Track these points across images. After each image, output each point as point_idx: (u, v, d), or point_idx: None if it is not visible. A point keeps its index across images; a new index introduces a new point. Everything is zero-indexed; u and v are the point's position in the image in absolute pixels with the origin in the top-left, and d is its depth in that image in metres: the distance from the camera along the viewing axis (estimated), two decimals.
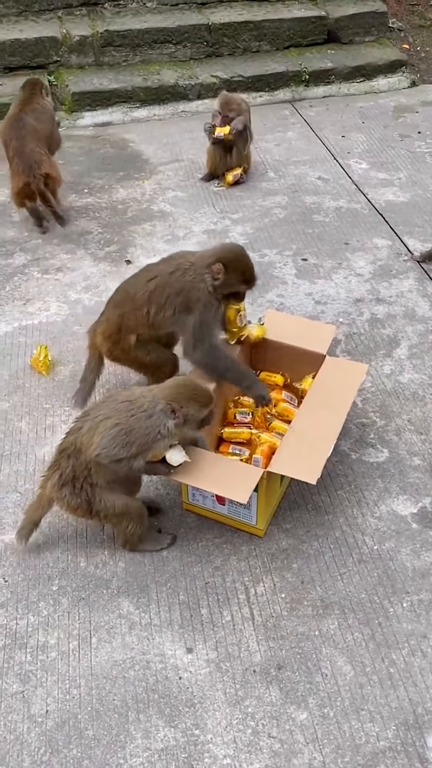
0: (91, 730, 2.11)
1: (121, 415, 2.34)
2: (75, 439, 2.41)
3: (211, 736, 2.09)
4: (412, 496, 2.79)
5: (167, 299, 2.75)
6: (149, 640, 2.32)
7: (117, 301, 2.92)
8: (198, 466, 2.44)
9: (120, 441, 2.31)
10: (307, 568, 2.54)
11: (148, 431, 2.32)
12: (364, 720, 2.13)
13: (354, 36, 6.58)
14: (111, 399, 2.46)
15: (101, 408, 2.43)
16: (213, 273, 2.72)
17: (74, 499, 2.42)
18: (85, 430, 2.38)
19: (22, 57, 5.85)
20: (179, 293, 2.73)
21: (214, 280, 2.72)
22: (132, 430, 2.32)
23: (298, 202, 4.71)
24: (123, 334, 2.87)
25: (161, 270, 2.81)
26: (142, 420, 2.32)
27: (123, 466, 2.37)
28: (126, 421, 2.33)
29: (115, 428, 2.32)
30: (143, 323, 2.81)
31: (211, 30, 6.18)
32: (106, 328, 2.92)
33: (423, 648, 2.30)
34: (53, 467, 2.47)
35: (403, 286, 3.93)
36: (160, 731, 2.10)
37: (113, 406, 2.39)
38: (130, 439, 2.32)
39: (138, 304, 2.80)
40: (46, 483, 2.48)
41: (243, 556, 2.58)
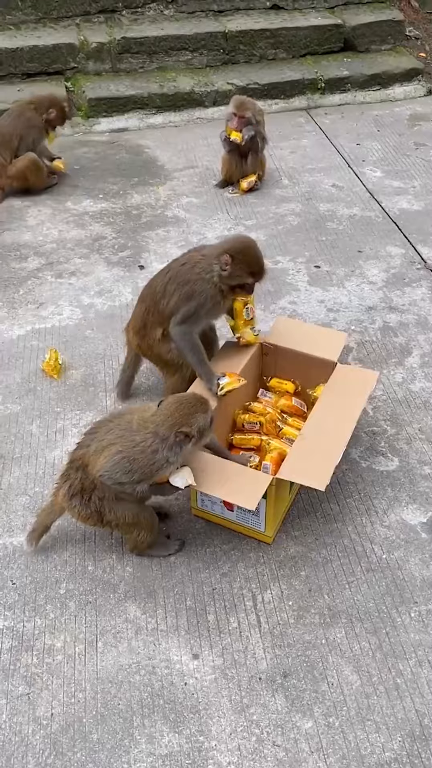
0: (96, 733, 2.11)
1: (126, 444, 2.34)
2: (83, 455, 2.41)
3: (216, 742, 2.09)
4: (422, 506, 2.78)
5: (175, 289, 2.83)
6: (155, 645, 2.32)
7: (142, 296, 3.02)
8: (207, 472, 2.44)
9: (123, 468, 2.32)
10: (315, 576, 2.53)
11: (152, 463, 2.32)
12: (369, 730, 2.12)
13: (370, 44, 6.58)
14: (116, 423, 2.42)
15: (108, 432, 2.40)
16: (221, 263, 2.77)
17: (84, 509, 2.44)
18: (92, 450, 2.39)
19: (40, 63, 5.90)
20: (186, 283, 2.81)
21: (222, 270, 2.77)
22: (135, 459, 2.32)
23: (312, 210, 4.72)
24: (149, 328, 2.96)
25: (175, 264, 2.93)
26: (147, 454, 2.32)
27: (126, 489, 2.38)
28: (130, 451, 2.32)
29: (118, 455, 2.32)
30: (163, 316, 2.89)
31: (227, 38, 6.21)
32: (135, 324, 3.04)
33: (430, 659, 2.29)
34: (64, 477, 2.47)
35: (416, 295, 3.92)
36: (164, 737, 2.10)
37: (118, 433, 2.37)
38: (134, 467, 2.32)
39: (157, 297, 2.89)
40: (58, 491, 2.49)
41: (251, 563, 2.57)
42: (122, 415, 2.46)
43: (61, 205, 4.77)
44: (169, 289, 2.84)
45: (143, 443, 2.32)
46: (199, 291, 2.79)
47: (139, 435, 2.34)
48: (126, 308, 3.83)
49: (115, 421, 2.43)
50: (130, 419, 2.40)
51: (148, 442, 2.32)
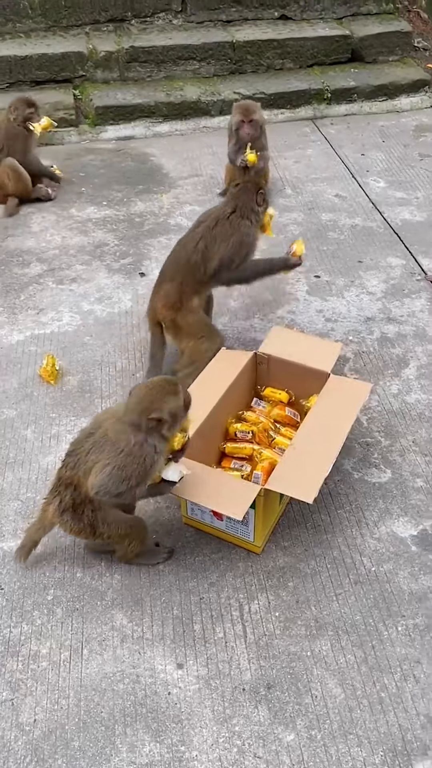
0: (78, 741, 2.11)
1: (110, 455, 2.31)
2: (72, 476, 2.37)
3: (197, 753, 2.09)
4: (413, 518, 2.77)
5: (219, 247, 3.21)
6: (140, 653, 2.33)
7: (171, 275, 3.28)
8: (196, 481, 2.45)
9: (116, 478, 2.30)
10: (303, 587, 2.53)
11: (143, 459, 2.30)
12: (351, 744, 2.11)
13: (378, 55, 6.60)
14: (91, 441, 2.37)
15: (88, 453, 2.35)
16: (258, 202, 3.32)
17: (77, 523, 2.41)
18: (81, 472, 2.35)
19: (49, 71, 5.96)
20: (231, 235, 3.23)
21: (259, 206, 3.33)
22: (125, 466, 2.29)
23: (314, 219, 4.73)
24: (185, 300, 3.24)
25: (202, 231, 3.26)
26: (135, 454, 2.29)
27: (125, 497, 2.37)
28: (116, 459, 2.30)
29: (108, 467, 2.30)
30: (202, 282, 3.25)
31: (235, 47, 6.24)
32: (167, 300, 3.26)
33: (416, 673, 2.28)
34: (53, 493, 2.45)
35: (415, 306, 3.92)
36: (145, 746, 2.10)
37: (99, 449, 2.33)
38: (126, 473, 2.30)
39: (194, 267, 3.21)
40: (47, 507, 2.46)
41: (239, 573, 2.57)
42: (93, 433, 2.40)
43: (65, 212, 4.80)
44: (211, 250, 3.20)
45: (126, 445, 2.29)
46: (246, 234, 3.26)
47: (120, 439, 2.31)
48: (125, 315, 3.86)
49: (90, 440, 2.38)
50: (105, 431, 2.36)
51: (130, 441, 2.29)
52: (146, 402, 2.32)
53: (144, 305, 3.91)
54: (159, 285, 3.34)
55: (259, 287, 4.04)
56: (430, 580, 2.54)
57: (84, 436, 2.43)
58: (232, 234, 3.23)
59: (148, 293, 4.00)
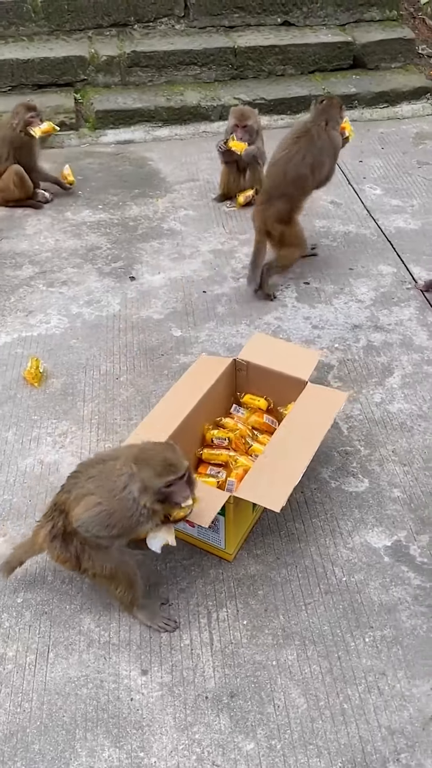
0: (38, 744, 2.12)
1: (103, 492, 2.20)
2: (66, 500, 2.29)
3: (155, 759, 2.09)
4: (388, 529, 2.76)
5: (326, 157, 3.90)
6: (106, 659, 2.33)
7: (280, 192, 3.82)
8: None
9: (101, 521, 2.20)
10: (273, 595, 2.53)
11: (131, 514, 2.19)
12: (311, 755, 2.10)
13: (380, 62, 6.59)
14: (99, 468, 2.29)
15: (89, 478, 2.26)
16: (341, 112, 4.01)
17: (64, 552, 2.33)
18: (72, 497, 2.25)
19: (51, 75, 6.00)
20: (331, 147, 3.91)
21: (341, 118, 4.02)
22: (114, 512, 2.19)
23: (307, 226, 4.70)
24: (293, 214, 3.91)
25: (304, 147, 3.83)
26: (124, 501, 2.18)
27: (104, 542, 2.28)
28: (108, 503, 2.19)
29: (97, 507, 2.20)
30: (307, 192, 3.95)
31: (236, 53, 6.26)
32: (280, 216, 3.85)
33: (380, 685, 2.27)
34: (47, 517, 2.37)
35: (404, 315, 3.91)
36: (105, 751, 2.11)
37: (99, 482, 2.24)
38: (112, 521, 2.20)
39: (303, 180, 3.84)
40: (39, 530, 2.39)
41: (209, 580, 2.57)
42: (105, 462, 2.29)
43: (60, 215, 4.83)
44: (318, 161, 3.86)
45: (119, 488, 2.18)
46: (338, 142, 3.98)
47: (120, 483, 2.19)
48: (113, 319, 3.87)
49: (98, 467, 2.29)
50: (113, 465, 2.24)
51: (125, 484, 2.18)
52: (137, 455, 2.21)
53: (133, 309, 3.95)
54: (269, 203, 3.86)
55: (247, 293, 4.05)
56: (401, 591, 2.53)
57: (94, 461, 2.35)
58: (330, 144, 3.89)
59: (137, 297, 4.04)
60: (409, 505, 2.85)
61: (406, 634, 2.40)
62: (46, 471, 2.97)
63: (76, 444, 3.10)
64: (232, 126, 4.68)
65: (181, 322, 3.83)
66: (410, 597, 2.51)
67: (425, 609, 2.47)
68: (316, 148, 3.85)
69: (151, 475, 2.17)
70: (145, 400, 3.31)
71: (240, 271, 4.25)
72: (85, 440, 3.12)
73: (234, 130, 4.67)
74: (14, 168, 4.70)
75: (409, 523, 2.77)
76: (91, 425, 3.19)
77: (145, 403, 3.29)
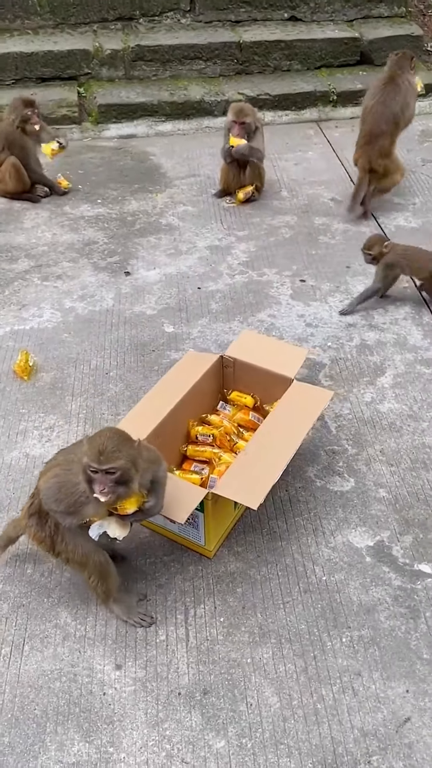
0: (8, 737, 2.12)
1: (63, 468, 2.20)
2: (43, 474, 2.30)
3: (125, 755, 2.08)
4: (371, 529, 2.74)
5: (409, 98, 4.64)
6: (80, 652, 2.33)
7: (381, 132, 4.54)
8: None
9: (53, 494, 2.20)
10: (251, 593, 2.51)
11: (74, 490, 2.15)
12: (281, 754, 2.09)
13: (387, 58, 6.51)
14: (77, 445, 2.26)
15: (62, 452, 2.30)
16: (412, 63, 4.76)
17: (39, 531, 2.32)
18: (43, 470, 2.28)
19: (55, 68, 5.99)
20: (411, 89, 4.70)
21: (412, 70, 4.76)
22: (64, 485, 2.17)
23: (307, 223, 4.69)
24: (392, 149, 4.60)
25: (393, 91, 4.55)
26: (72, 475, 2.16)
27: (57, 518, 2.25)
28: (63, 475, 2.19)
29: (53, 479, 2.20)
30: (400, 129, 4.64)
31: (242, 48, 6.23)
32: (382, 151, 4.55)
33: (355, 686, 2.25)
34: (32, 495, 2.36)
35: (399, 314, 3.87)
36: (75, 745, 2.11)
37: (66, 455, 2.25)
38: (60, 495, 2.18)
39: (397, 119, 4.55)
40: (25, 507, 2.39)
41: (189, 576, 2.56)
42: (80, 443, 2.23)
43: (59, 209, 4.83)
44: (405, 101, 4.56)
45: (75, 460, 2.17)
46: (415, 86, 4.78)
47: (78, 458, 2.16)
48: (106, 313, 3.87)
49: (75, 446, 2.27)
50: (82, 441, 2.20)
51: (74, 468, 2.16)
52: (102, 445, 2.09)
53: (126, 304, 3.94)
54: (372, 143, 4.54)
55: (242, 290, 4.03)
56: (380, 592, 2.51)
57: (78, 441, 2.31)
58: (411, 87, 4.60)
59: (131, 292, 4.04)
60: (394, 506, 2.82)
61: (384, 635, 2.38)
62: (32, 464, 2.97)
63: (63, 438, 3.09)
64: (230, 122, 4.66)
65: (174, 318, 3.82)
66: (390, 598, 2.49)
67: (404, 610, 2.45)
68: (402, 91, 4.55)
69: (84, 453, 2.09)
70: (133, 396, 3.31)
71: (236, 268, 4.23)
72: (71, 434, 3.11)
73: (231, 127, 4.65)
74: (11, 160, 4.71)
75: (393, 524, 2.75)
76: (79, 419, 3.19)
77: (133, 399, 3.28)
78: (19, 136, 4.70)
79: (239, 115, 4.61)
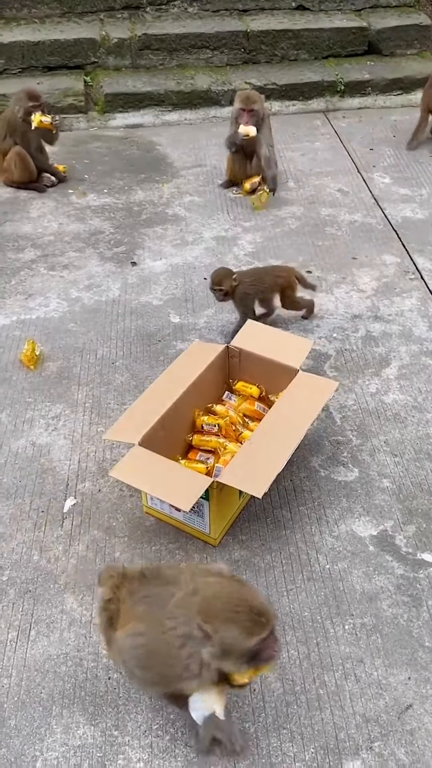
0: (14, 720, 2.16)
1: (153, 622, 1.77)
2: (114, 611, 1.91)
3: (129, 738, 2.12)
4: (375, 518, 2.75)
5: None
6: (86, 638, 2.36)
7: None
8: (150, 471, 2.47)
9: (138, 658, 1.81)
10: (255, 581, 2.53)
11: (173, 663, 1.74)
12: (284, 739, 2.12)
13: (395, 48, 6.50)
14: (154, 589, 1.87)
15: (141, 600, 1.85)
16: None
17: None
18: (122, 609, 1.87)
19: (61, 57, 5.98)
20: None
21: None
22: (155, 653, 1.77)
23: (313, 214, 4.69)
24: None
25: None
26: (171, 645, 1.73)
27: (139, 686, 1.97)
28: (153, 639, 1.77)
29: (139, 638, 1.79)
30: None
31: (249, 37, 6.20)
32: None
33: (357, 672, 2.27)
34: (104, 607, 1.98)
35: (405, 305, 3.87)
36: (80, 728, 2.14)
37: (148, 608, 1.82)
38: (149, 663, 1.79)
39: None
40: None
41: None
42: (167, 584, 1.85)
43: (65, 199, 4.84)
44: None
45: (171, 623, 1.74)
46: None
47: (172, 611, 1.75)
48: (112, 304, 3.88)
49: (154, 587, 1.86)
50: (173, 593, 1.80)
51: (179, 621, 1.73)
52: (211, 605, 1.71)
53: (132, 295, 3.95)
54: None
55: None
56: (383, 580, 2.53)
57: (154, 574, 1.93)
58: None
59: (137, 282, 4.05)
60: (397, 496, 2.84)
61: (387, 622, 2.40)
62: (38, 453, 3.00)
63: (69, 427, 3.12)
64: (238, 110, 4.64)
65: (180, 309, 3.83)
66: (393, 586, 2.51)
67: (407, 599, 2.47)
68: None
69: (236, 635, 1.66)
70: (139, 386, 3.32)
71: (242, 259, 4.23)
72: (78, 423, 3.14)
73: (239, 114, 4.63)
74: (16, 149, 4.72)
75: (397, 514, 2.77)
76: (85, 409, 3.21)
77: (139, 389, 3.29)
78: (22, 125, 4.69)
79: (247, 102, 4.59)
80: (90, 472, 2.92)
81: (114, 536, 2.67)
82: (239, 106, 4.63)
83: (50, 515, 2.74)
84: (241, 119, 4.62)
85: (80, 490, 2.84)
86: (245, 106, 4.60)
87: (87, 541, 2.65)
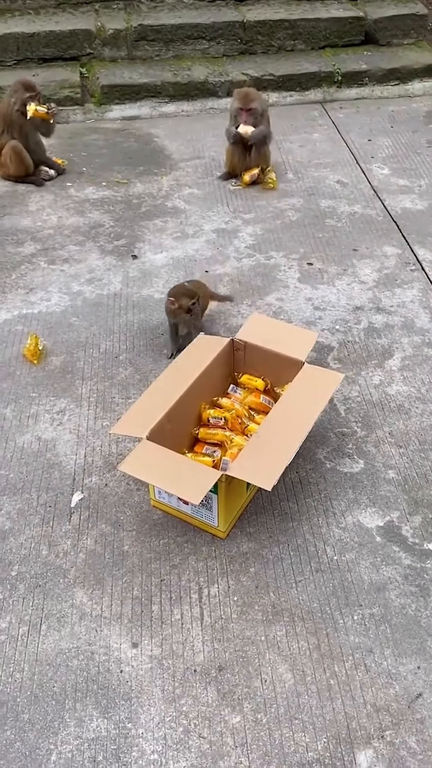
0: (28, 714, 2.17)
1: None
2: None
3: (143, 730, 2.13)
4: (381, 509, 2.77)
5: None
6: (97, 631, 2.37)
7: None
8: (159, 465, 2.47)
9: None
10: (264, 573, 2.55)
11: None
12: (296, 729, 2.14)
13: (392, 38, 6.48)
14: None
15: None
16: None
17: None
18: None
19: (56, 48, 5.94)
20: None
21: None
22: None
23: (313, 206, 4.69)
24: None
25: None
26: None
27: None
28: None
29: None
30: None
31: (245, 27, 6.17)
32: None
33: (367, 662, 2.29)
34: None
35: (406, 297, 3.88)
36: (93, 721, 2.15)
37: None
38: None
39: None
40: None
41: (202, 557, 2.60)
42: None
43: (64, 192, 4.82)
44: None
45: None
46: None
47: None
48: (114, 297, 3.87)
49: None
50: None
51: None
52: None
53: (134, 288, 3.94)
54: None
55: (249, 273, 4.04)
56: (391, 570, 2.55)
57: None
58: None
59: (138, 276, 4.04)
60: (403, 486, 2.85)
61: (395, 612, 2.42)
62: (44, 448, 3.00)
63: (74, 421, 3.12)
64: (237, 109, 4.63)
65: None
66: (400, 576, 2.53)
67: (415, 588, 2.49)
68: None
69: None
70: (143, 379, 3.32)
71: (243, 251, 4.23)
72: (83, 418, 3.14)
73: (238, 113, 4.62)
74: (12, 143, 4.69)
75: (403, 504, 2.78)
76: (90, 403, 3.21)
77: (143, 382, 3.30)
78: (18, 116, 4.66)
79: (246, 101, 4.58)
80: (96, 466, 2.92)
81: (122, 530, 2.68)
82: (238, 105, 4.62)
83: (58, 510, 2.75)
84: (240, 118, 4.62)
85: (87, 484, 2.85)
86: (244, 105, 4.59)
87: (95, 536, 2.65)
